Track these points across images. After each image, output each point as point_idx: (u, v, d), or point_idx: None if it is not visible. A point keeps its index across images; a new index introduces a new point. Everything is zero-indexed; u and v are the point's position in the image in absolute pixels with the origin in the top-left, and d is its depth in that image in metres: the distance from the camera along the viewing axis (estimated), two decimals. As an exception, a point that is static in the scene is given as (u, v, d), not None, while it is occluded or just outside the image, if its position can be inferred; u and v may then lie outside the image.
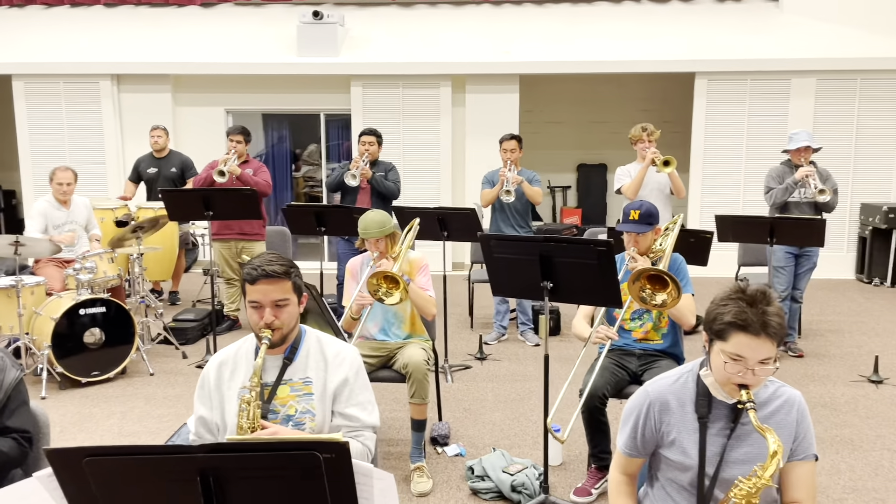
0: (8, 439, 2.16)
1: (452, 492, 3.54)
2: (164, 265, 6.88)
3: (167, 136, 7.02)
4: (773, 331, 1.77)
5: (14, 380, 2.20)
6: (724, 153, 8.55)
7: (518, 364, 5.46)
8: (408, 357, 3.69)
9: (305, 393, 2.25)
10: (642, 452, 2.03)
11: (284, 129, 9.98)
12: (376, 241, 3.78)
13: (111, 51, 8.84)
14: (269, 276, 2.17)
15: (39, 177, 8.93)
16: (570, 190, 10.72)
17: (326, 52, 8.65)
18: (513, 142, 5.74)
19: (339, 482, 1.60)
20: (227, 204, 5.11)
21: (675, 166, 5.31)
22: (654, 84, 9.95)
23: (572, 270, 3.20)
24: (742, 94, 8.44)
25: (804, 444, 1.94)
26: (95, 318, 4.97)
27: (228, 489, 1.59)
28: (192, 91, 8.98)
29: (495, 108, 8.72)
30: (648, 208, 3.48)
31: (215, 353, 5.16)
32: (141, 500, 1.61)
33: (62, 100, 8.84)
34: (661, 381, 2.01)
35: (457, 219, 5.20)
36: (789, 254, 5.38)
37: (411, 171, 8.61)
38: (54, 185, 5.62)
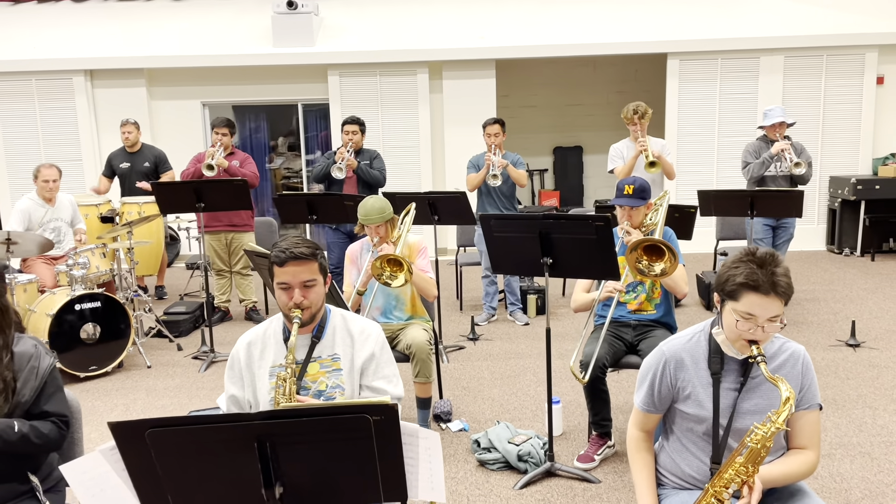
0: (47, 423, 2.22)
1: (460, 464, 3.66)
2: (151, 259, 6.87)
3: (138, 131, 6.94)
4: (782, 290, 1.90)
5: (49, 366, 2.26)
6: (698, 131, 8.76)
7: (510, 343, 5.60)
8: (411, 338, 3.80)
9: (334, 369, 2.34)
10: (659, 408, 2.16)
11: (262, 120, 9.97)
12: (377, 227, 3.86)
13: (84, 46, 8.74)
14: (297, 258, 2.25)
15: (14, 175, 8.83)
16: (548, 173, 10.87)
17: (302, 42, 8.64)
18: (496, 126, 5.84)
19: (387, 442, 1.71)
20: (219, 196, 5.14)
21: (660, 167, 5.45)
22: (628, 65, 10.12)
23: (571, 246, 3.32)
24: (713, 72, 8.65)
25: (809, 395, 2.08)
26: (91, 313, 4.98)
27: (283, 453, 1.68)
28: (168, 84, 8.92)
29: (472, 93, 8.81)
30: (641, 184, 3.62)
31: (211, 344, 5.25)
32: (200, 469, 1.69)
33: (35, 97, 8.73)
34: (676, 340, 2.15)
35: (447, 203, 5.30)
36: (767, 226, 5.58)
37: (392, 158, 8.62)
38: (39, 182, 5.59)
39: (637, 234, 3.59)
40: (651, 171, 5.40)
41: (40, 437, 2.20)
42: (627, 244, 3.48)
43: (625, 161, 5.56)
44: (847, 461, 3.56)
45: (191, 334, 5.98)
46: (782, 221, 5.60)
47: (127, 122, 6.87)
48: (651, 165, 5.36)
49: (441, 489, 1.82)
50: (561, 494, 3.33)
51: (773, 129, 5.52)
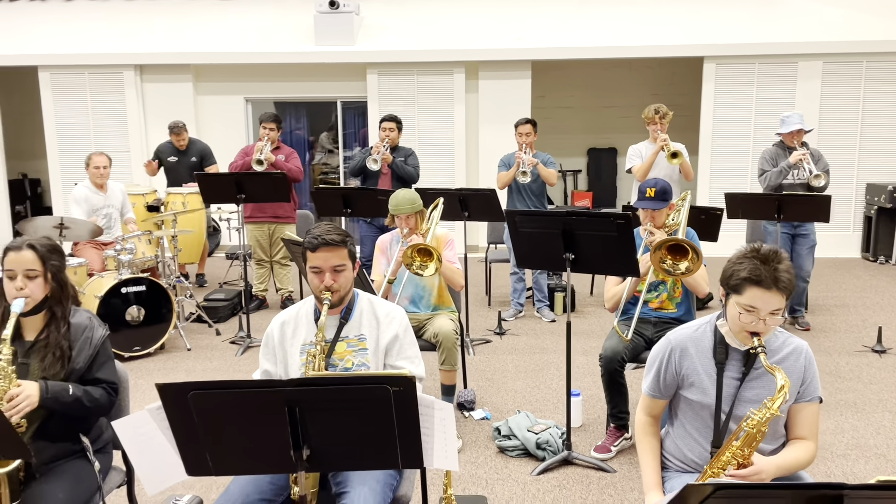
0: (99, 388, 2.43)
1: (481, 450, 3.81)
2: (193, 248, 7.15)
3: (186, 132, 7.24)
4: (784, 285, 2.01)
5: (101, 337, 2.47)
6: (733, 136, 8.75)
7: (536, 338, 5.72)
8: (438, 327, 3.95)
9: (360, 348, 2.51)
10: (664, 394, 2.28)
11: (302, 116, 10.23)
12: (407, 218, 4.02)
13: (134, 42, 9.08)
14: (328, 244, 2.42)
15: (66, 165, 9.21)
16: (581, 174, 10.93)
17: (343, 41, 8.86)
18: (528, 125, 5.97)
19: (405, 412, 1.86)
20: (259, 187, 5.36)
21: (682, 159, 5.43)
22: (664, 68, 10.14)
23: (593, 242, 3.45)
24: (750, 77, 8.63)
25: (810, 388, 2.18)
26: (136, 297, 5.24)
27: (310, 418, 1.85)
28: (213, 80, 9.22)
29: (508, 94, 8.93)
30: (663, 186, 3.72)
31: (248, 330, 5.48)
32: (236, 429, 1.87)
33: (87, 90, 9.10)
34: (682, 330, 2.27)
35: (478, 199, 5.44)
36: (785, 234, 5.59)
37: (426, 156, 8.81)
38: (91, 169, 5.87)
39: (660, 234, 3.69)
40: (674, 162, 5.38)
41: (92, 401, 2.40)
42: (650, 245, 3.59)
43: (643, 159, 5.60)
44: (862, 462, 3.62)
45: (229, 320, 6.23)
46: (801, 230, 5.58)
47: (178, 128, 7.14)
48: (673, 157, 5.36)
49: (454, 458, 1.97)
50: (576, 482, 3.45)
51: (791, 136, 5.51)
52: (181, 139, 7.15)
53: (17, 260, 2.34)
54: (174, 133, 7.13)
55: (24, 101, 9.83)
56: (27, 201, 10.81)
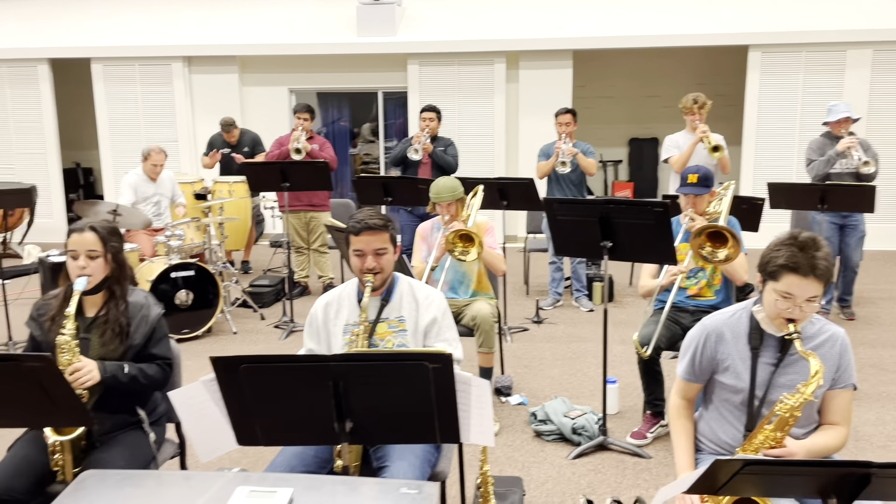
0: (154, 365, 2.56)
1: (517, 434, 3.88)
2: (239, 235, 7.35)
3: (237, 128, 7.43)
4: (821, 272, 2.03)
5: (157, 315, 2.61)
6: (778, 126, 8.61)
7: (573, 327, 5.75)
8: (476, 310, 4.02)
9: (400, 329, 2.60)
10: (699, 378, 2.32)
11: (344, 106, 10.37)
12: (447, 205, 4.09)
13: (182, 34, 9.31)
14: (371, 228, 2.51)
15: (117, 154, 9.52)
16: (622, 164, 10.87)
17: (384, 32, 8.95)
18: (568, 115, 5.98)
19: (443, 388, 1.94)
20: (303, 176, 5.50)
21: (724, 153, 5.32)
22: (708, 57, 9.99)
23: (631, 231, 3.48)
24: (796, 66, 8.47)
25: (845, 375, 2.20)
26: (185, 281, 5.43)
27: (353, 392, 1.94)
28: (258, 71, 9.41)
29: (548, 83, 8.92)
30: (706, 172, 3.72)
31: (291, 315, 5.62)
32: (284, 401, 1.97)
33: (137, 81, 9.37)
34: (718, 315, 2.30)
35: (516, 188, 5.48)
36: (833, 224, 5.51)
37: (466, 146, 8.86)
38: (148, 164, 6.07)
39: (701, 221, 3.69)
40: (715, 155, 5.28)
41: (147, 378, 2.54)
42: (691, 230, 3.60)
43: (680, 150, 5.55)
44: (902, 454, 3.60)
45: (273, 306, 6.40)
46: (850, 220, 5.51)
47: (228, 126, 7.32)
48: (714, 150, 5.27)
49: (490, 434, 2.04)
50: (612, 466, 3.50)
51: (839, 124, 5.42)
52: (232, 135, 7.37)
53: (80, 241, 2.48)
54: (225, 130, 7.34)
55: (78, 93, 10.15)
56: (80, 189, 11.18)
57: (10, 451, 2.47)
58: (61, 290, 2.57)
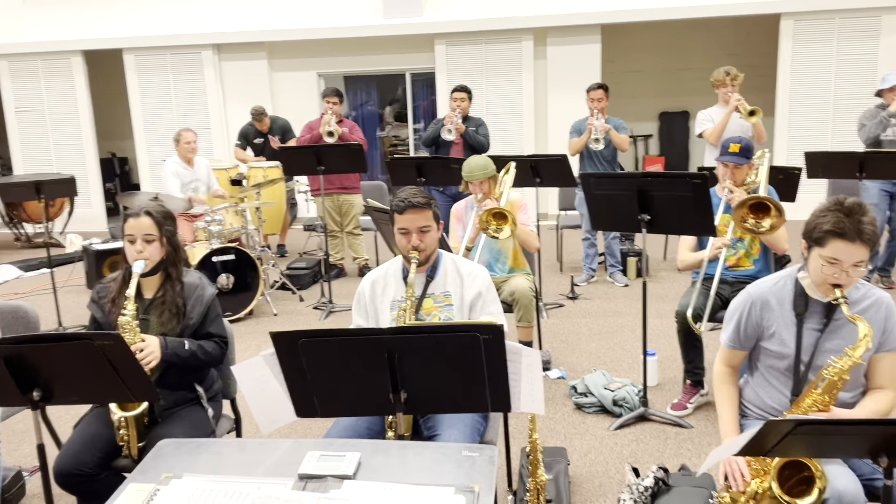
0: (211, 342, 2.66)
1: (558, 407, 3.94)
2: (274, 219, 7.47)
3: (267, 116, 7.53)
4: (867, 237, 2.05)
5: (211, 295, 2.70)
6: (812, 95, 8.48)
7: (609, 302, 5.78)
8: (514, 286, 4.07)
9: (446, 304, 2.66)
10: (744, 346, 2.35)
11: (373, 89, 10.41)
12: (480, 184, 4.13)
13: (211, 22, 9.41)
14: (414, 207, 2.57)
15: (151, 143, 9.69)
16: (652, 139, 10.78)
17: (410, 13, 8.96)
18: (599, 91, 5.95)
19: (494, 358, 2.00)
20: (337, 159, 5.56)
21: (760, 116, 5.27)
22: (739, 27, 9.85)
23: (669, 203, 3.49)
24: (830, 33, 8.32)
25: (891, 338, 2.21)
26: (225, 266, 5.55)
27: (408, 364, 2.00)
28: (286, 57, 9.49)
29: (577, 59, 8.87)
30: (747, 143, 3.71)
31: (329, 296, 5.71)
32: (341, 374, 2.05)
33: (169, 70, 9.51)
34: (763, 283, 2.32)
35: (549, 165, 5.50)
36: (884, 192, 5.45)
37: (496, 124, 8.86)
38: (182, 145, 6.18)
39: (741, 193, 3.68)
40: (751, 120, 5.21)
41: (205, 354, 2.64)
42: (730, 202, 3.60)
43: (714, 123, 5.50)
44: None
45: (310, 287, 6.51)
46: None
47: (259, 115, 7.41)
48: (751, 115, 5.19)
49: (541, 403, 2.10)
50: (653, 437, 3.55)
51: (893, 92, 5.34)
52: (263, 124, 7.47)
53: (136, 225, 2.58)
54: (256, 120, 7.44)
55: (112, 83, 10.34)
56: (116, 179, 11.40)
57: (77, 428, 2.59)
58: (120, 274, 2.67)
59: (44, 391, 2.08)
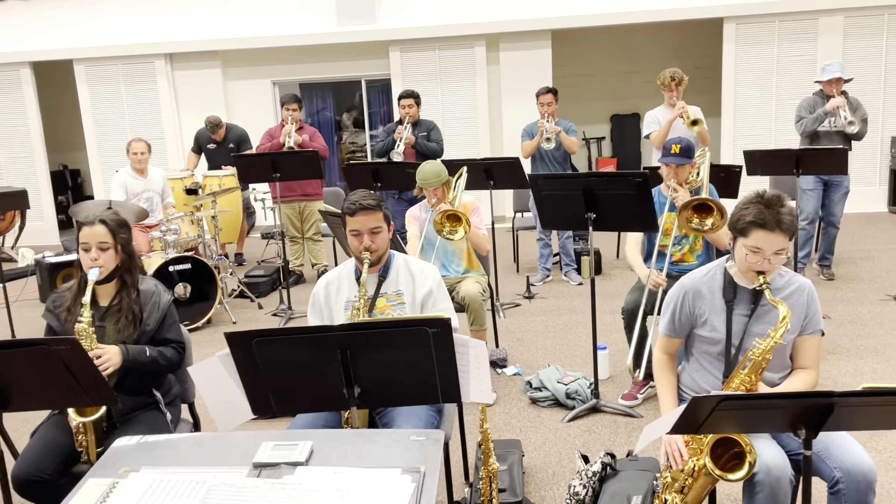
0: (169, 348, 2.70)
1: (514, 402, 4.05)
2: (232, 228, 7.46)
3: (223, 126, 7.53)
4: (786, 227, 2.20)
5: (167, 301, 2.74)
6: (755, 95, 8.79)
7: (564, 300, 5.92)
8: (465, 291, 4.16)
9: (399, 303, 2.75)
10: (679, 333, 2.49)
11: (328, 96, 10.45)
12: (434, 190, 4.23)
13: (163, 31, 9.36)
14: (365, 209, 2.66)
15: (104, 154, 9.58)
16: (605, 140, 11.02)
17: (364, 20, 9.04)
18: (549, 95, 6.11)
19: (442, 351, 2.09)
20: (293, 166, 5.61)
21: (702, 126, 5.41)
22: (685, 31, 10.14)
23: (613, 201, 3.64)
24: (770, 35, 8.64)
25: (813, 322, 2.37)
26: (182, 275, 5.55)
27: (360, 360, 2.09)
28: (240, 65, 9.48)
29: (528, 64, 9.05)
30: (688, 143, 3.88)
31: (288, 302, 5.74)
32: (294, 372, 2.12)
33: (121, 80, 9.42)
34: (695, 274, 2.47)
35: (502, 168, 5.63)
36: (818, 179, 5.72)
37: (451, 129, 9.02)
38: (130, 155, 6.16)
39: (684, 193, 3.83)
40: (694, 129, 5.37)
41: (165, 359, 2.68)
42: (675, 201, 3.76)
43: (660, 125, 5.69)
44: (879, 401, 3.79)
45: (269, 295, 6.53)
46: (834, 177, 5.71)
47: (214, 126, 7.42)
48: (693, 124, 5.37)
49: (489, 393, 2.20)
50: (605, 427, 3.68)
51: (830, 84, 5.60)
52: (218, 136, 7.46)
53: (91, 234, 2.61)
54: (210, 131, 7.43)
55: (62, 95, 10.19)
56: (69, 191, 11.22)
57: (35, 435, 2.60)
58: (75, 282, 2.69)
59: (0, 398, 2.11)
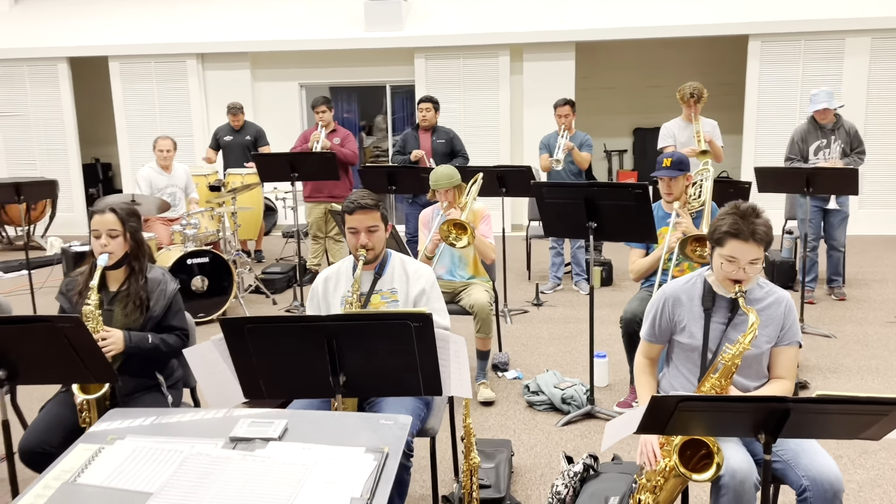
0: (173, 335, 2.84)
1: (511, 405, 4.13)
2: (251, 225, 7.64)
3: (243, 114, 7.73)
4: (760, 237, 2.27)
5: (173, 290, 2.87)
6: (778, 114, 8.77)
7: (572, 309, 5.98)
8: (474, 299, 4.21)
9: (392, 300, 2.86)
10: (659, 339, 2.56)
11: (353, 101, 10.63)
12: (445, 192, 4.33)
13: (196, 31, 9.61)
14: (363, 208, 2.77)
15: (134, 149, 9.85)
16: (627, 154, 11.05)
17: (391, 27, 9.20)
18: (566, 107, 6.19)
19: (424, 344, 2.19)
20: (310, 166, 5.76)
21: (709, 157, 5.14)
22: (710, 47, 10.15)
23: (613, 211, 3.71)
24: (796, 54, 8.63)
25: (790, 333, 2.43)
26: (200, 268, 5.72)
27: (346, 349, 2.19)
28: (269, 67, 9.70)
29: (552, 75, 9.13)
30: (679, 157, 3.93)
31: (301, 300, 5.88)
32: (284, 358, 2.23)
33: (153, 78, 9.69)
34: (676, 282, 2.54)
35: (514, 176, 5.72)
36: (816, 207, 5.69)
37: (472, 137, 9.11)
38: (156, 151, 6.37)
39: (687, 219, 3.81)
40: (701, 158, 5.17)
41: (167, 346, 2.81)
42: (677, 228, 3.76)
43: (675, 140, 5.71)
44: (874, 420, 3.80)
45: (284, 292, 6.68)
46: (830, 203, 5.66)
47: (235, 109, 7.62)
48: (702, 154, 5.26)
49: (468, 387, 2.29)
50: (597, 432, 3.74)
51: (822, 115, 5.57)
52: (237, 120, 7.64)
53: (101, 221, 2.76)
54: (231, 113, 7.62)
55: (96, 90, 10.49)
56: (99, 184, 11.54)
57: (43, 410, 2.75)
58: (87, 267, 2.84)
59: (9, 371, 2.25)
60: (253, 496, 1.49)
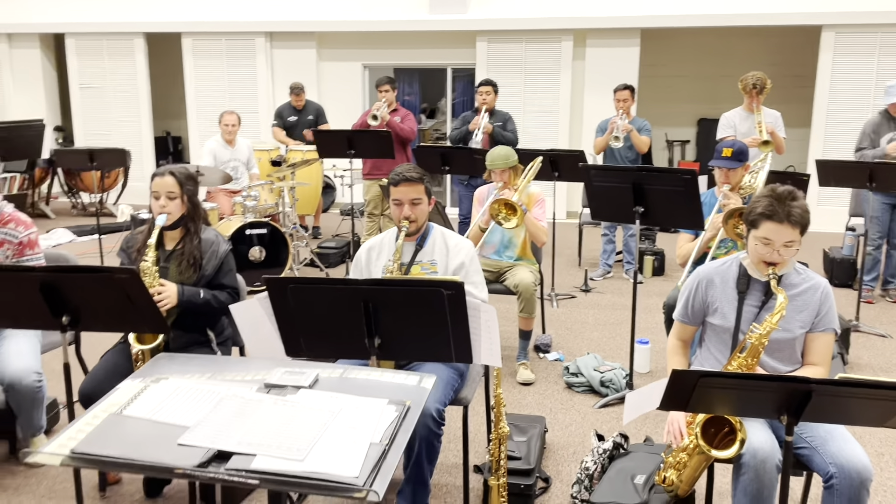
0: (224, 293, 2.99)
1: (550, 385, 4.18)
2: (310, 200, 7.85)
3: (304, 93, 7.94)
4: (795, 219, 2.26)
5: (225, 251, 3.03)
6: (849, 108, 8.47)
7: (619, 297, 5.96)
8: (519, 279, 4.27)
9: (432, 272, 2.94)
10: (693, 321, 2.57)
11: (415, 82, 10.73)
12: (501, 172, 4.38)
13: (265, 10, 9.85)
14: (408, 180, 2.85)
15: (203, 124, 10.18)
16: (689, 144, 10.84)
17: (455, 9, 9.23)
18: (626, 91, 6.15)
19: (456, 312, 2.26)
20: (366, 143, 5.89)
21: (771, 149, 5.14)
22: (782, 37, 9.84)
23: (661, 196, 3.70)
24: (871, 47, 8.30)
25: (826, 320, 2.41)
26: (258, 239, 5.92)
27: (382, 313, 2.28)
28: (334, 47, 9.87)
29: (615, 62, 9.01)
30: (740, 147, 3.86)
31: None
32: (324, 318, 2.34)
33: (223, 55, 9.99)
34: (711, 264, 2.54)
35: (567, 160, 5.71)
36: (885, 204, 5.50)
37: (531, 121, 9.13)
38: (222, 125, 6.60)
39: (736, 199, 3.81)
40: (764, 149, 5.11)
41: (218, 303, 2.97)
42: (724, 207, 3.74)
43: (735, 131, 5.59)
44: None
45: (338, 266, 6.86)
46: None
47: (297, 88, 7.84)
48: (764, 144, 5.19)
49: (497, 357, 2.35)
50: (634, 416, 3.75)
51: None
52: (300, 99, 7.84)
53: (161, 184, 2.92)
54: (294, 93, 7.82)
55: (169, 65, 10.88)
56: (169, 157, 11.97)
57: (102, 358, 2.95)
58: (146, 227, 3.02)
59: (72, 317, 2.43)
60: (280, 436, 1.60)
